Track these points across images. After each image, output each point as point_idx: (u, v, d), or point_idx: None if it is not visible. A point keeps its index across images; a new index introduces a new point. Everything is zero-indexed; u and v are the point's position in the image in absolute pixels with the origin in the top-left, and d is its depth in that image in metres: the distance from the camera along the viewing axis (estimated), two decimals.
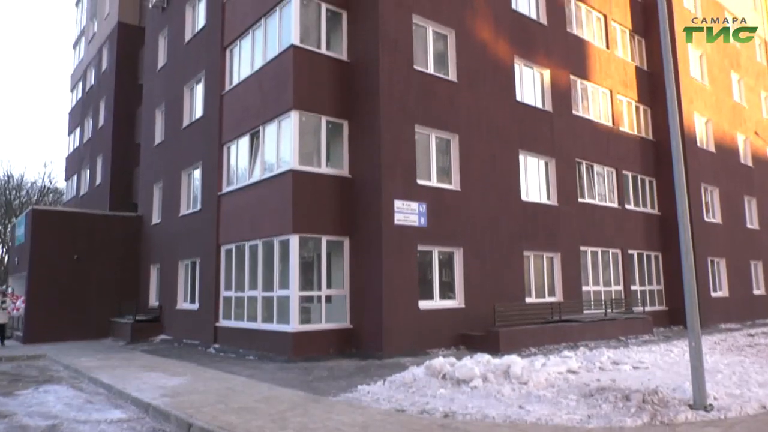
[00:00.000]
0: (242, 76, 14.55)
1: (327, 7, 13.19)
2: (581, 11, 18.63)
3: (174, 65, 18.89)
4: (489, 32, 14.96)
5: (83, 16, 31.90)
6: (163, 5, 19.85)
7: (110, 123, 24.56)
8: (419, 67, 13.21)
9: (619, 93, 19.39)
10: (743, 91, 24.80)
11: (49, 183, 47.61)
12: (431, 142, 13.27)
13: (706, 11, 23.05)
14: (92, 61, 28.56)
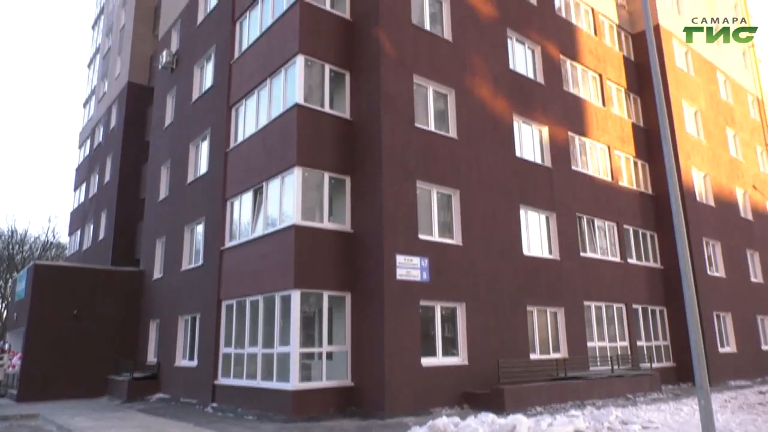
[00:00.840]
0: (247, 134, 14.88)
1: (330, 67, 13.64)
2: (577, 71, 19.21)
3: (180, 123, 19.36)
4: (488, 91, 15.39)
5: (95, 77, 32.95)
6: (172, 66, 20.54)
7: (116, 179, 24.93)
8: (420, 124, 13.52)
9: (617, 149, 19.73)
10: (739, 146, 25.21)
11: (53, 238, 47.84)
12: (432, 198, 13.42)
13: (698, 70, 23.76)
14: (101, 119, 29.28)
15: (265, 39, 14.76)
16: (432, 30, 14.60)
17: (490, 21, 16.12)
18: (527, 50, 17.41)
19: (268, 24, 14.76)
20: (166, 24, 22.31)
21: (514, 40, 16.97)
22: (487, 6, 16.11)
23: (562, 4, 19.50)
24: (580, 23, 20.01)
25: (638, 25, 22.46)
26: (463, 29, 15.20)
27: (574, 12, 19.91)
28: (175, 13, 21.45)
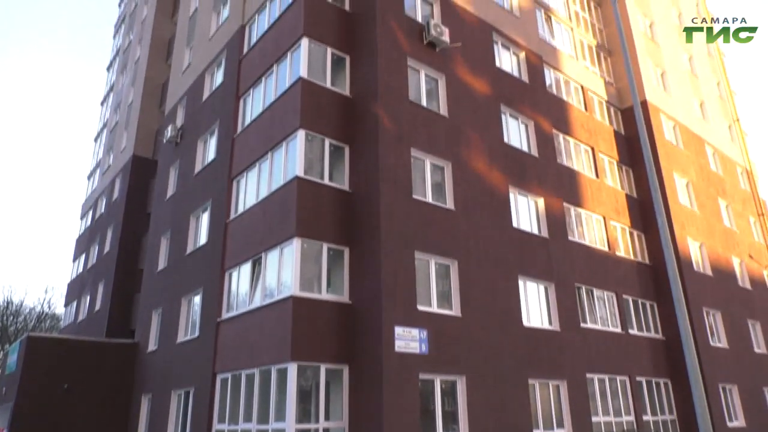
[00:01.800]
0: (247, 205, 15.13)
1: (330, 141, 14.09)
2: (570, 144, 19.80)
3: (182, 195, 19.69)
4: (483, 163, 15.80)
5: (101, 150, 33.77)
6: (176, 140, 21.14)
7: (115, 249, 25.02)
8: (418, 196, 13.80)
9: (612, 219, 20.00)
10: (732, 216, 25.56)
11: (48, 309, 47.30)
12: (431, 268, 13.47)
13: (687, 143, 24.49)
14: (104, 191, 29.74)
15: (267, 114, 15.32)
16: (428, 106, 15.19)
17: (484, 97, 16.79)
18: (521, 125, 18.03)
19: (270, 100, 15.36)
20: (172, 100, 23.15)
21: (508, 115, 17.61)
22: (480, 83, 16.84)
23: (553, 82, 20.38)
24: (570, 99, 20.82)
25: (626, 100, 23.37)
26: (458, 105, 15.82)
27: (564, 89, 20.77)
28: (181, 90, 22.31)
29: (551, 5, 21.98)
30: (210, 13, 21.09)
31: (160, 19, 29.35)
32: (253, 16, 17.72)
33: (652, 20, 26.12)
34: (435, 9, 16.64)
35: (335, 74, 15.00)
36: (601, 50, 24.14)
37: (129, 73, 31.44)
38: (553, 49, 20.90)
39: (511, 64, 18.71)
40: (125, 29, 35.63)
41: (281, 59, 15.36)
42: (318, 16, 14.99)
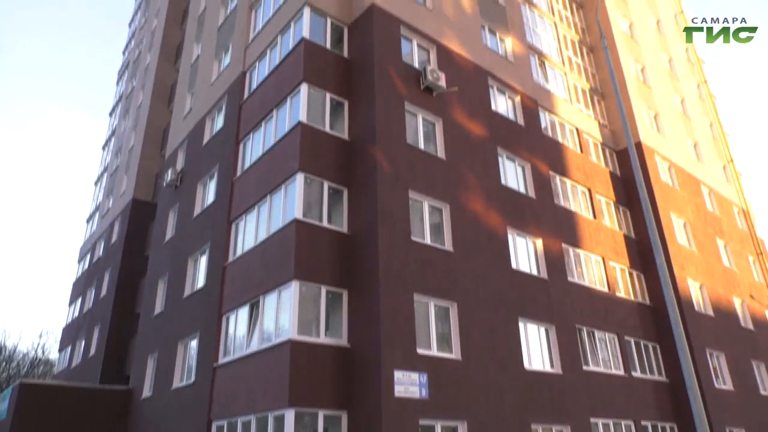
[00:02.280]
0: (246, 248, 15.12)
1: (329, 184, 14.19)
2: (566, 185, 19.96)
3: (181, 238, 19.68)
4: (481, 205, 15.89)
5: (100, 194, 33.95)
6: (176, 184, 21.29)
7: (112, 293, 24.82)
8: (416, 238, 13.81)
9: (611, 260, 19.97)
10: (731, 256, 25.55)
11: (42, 354, 46.53)
12: (430, 311, 13.36)
13: (683, 184, 24.71)
14: (103, 234, 29.74)
15: (266, 158, 15.48)
16: (426, 148, 15.38)
17: (481, 140, 17.03)
18: (518, 167, 18.22)
19: (270, 144, 15.56)
20: (173, 144, 23.43)
21: (505, 157, 17.82)
22: (477, 126, 17.11)
23: (548, 125, 20.71)
24: (566, 141, 21.12)
25: (621, 142, 23.70)
26: (455, 147, 16.03)
27: (560, 131, 21.09)
28: (182, 134, 22.62)
29: (544, 51, 22.56)
30: (212, 60, 21.59)
31: (163, 66, 30.01)
32: (253, 62, 18.14)
33: (644, 64, 26.76)
34: (431, 55, 17.06)
35: (334, 118, 15.26)
36: (595, 94, 24.63)
37: (131, 118, 31.93)
38: (548, 93, 21.33)
39: (507, 107, 19.06)
40: (128, 76, 36.37)
41: (281, 104, 15.64)
42: (317, 62, 15.36)
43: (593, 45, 26.11)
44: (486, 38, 19.70)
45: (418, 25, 16.95)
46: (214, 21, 22.59)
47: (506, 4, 21.34)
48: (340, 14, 16.65)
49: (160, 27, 31.53)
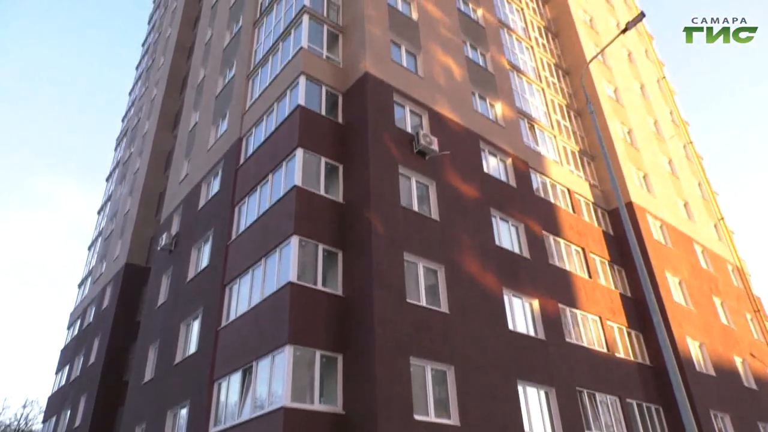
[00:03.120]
0: (239, 312, 14.93)
1: (324, 247, 14.22)
2: (560, 245, 20.07)
3: (173, 302, 19.45)
4: (476, 266, 15.90)
5: (93, 258, 33.76)
6: (170, 248, 21.25)
7: (101, 360, 24.22)
8: (412, 300, 13.72)
9: (608, 319, 19.80)
10: (729, 314, 25.39)
11: (25, 425, 44.67)
12: (427, 375, 13.09)
13: (676, 242, 24.88)
14: (94, 300, 29.35)
15: (261, 221, 15.57)
16: (420, 210, 15.55)
17: (474, 201, 17.25)
18: (511, 227, 18.37)
19: (265, 208, 15.69)
20: (168, 209, 23.58)
21: (498, 218, 18.00)
22: (470, 188, 17.37)
23: (540, 186, 21.05)
24: (558, 202, 21.40)
25: (613, 202, 24.03)
26: (449, 209, 16.20)
27: (551, 192, 21.41)
28: (178, 198, 22.81)
29: (533, 115, 23.25)
30: (209, 127, 22.09)
31: (161, 133, 30.62)
32: (250, 129, 18.57)
33: (630, 127, 27.55)
34: (424, 120, 17.55)
35: (329, 182, 15.48)
36: (585, 155, 25.20)
37: (127, 183, 32.24)
38: (538, 155, 21.81)
39: (499, 169, 19.43)
40: (127, 142, 37.02)
41: (276, 168, 15.90)
42: (312, 128, 15.75)
43: (580, 109, 26.95)
44: (476, 104, 20.35)
45: (411, 92, 17.53)
46: (212, 89, 23.28)
47: (495, 72, 22.17)
48: (335, 82, 17.23)
49: (159, 96, 32.41)
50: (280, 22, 19.43)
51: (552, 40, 29.30)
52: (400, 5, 19.90)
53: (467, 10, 23.34)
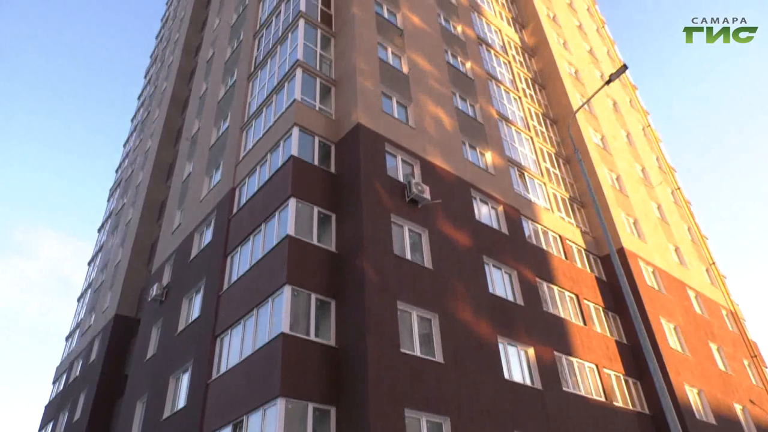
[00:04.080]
0: (230, 365, 14.65)
1: (316, 296, 14.12)
2: (554, 292, 20.02)
3: (163, 355, 19.07)
4: (470, 314, 15.79)
5: (83, 311, 33.23)
6: (161, 299, 21.01)
7: (87, 416, 23.48)
8: (406, 350, 13.54)
9: (605, 367, 19.56)
10: (726, 360, 25.16)
11: None
12: (422, 427, 12.77)
13: (669, 288, 24.89)
14: (82, 353, 28.71)
15: (254, 271, 15.50)
16: (413, 259, 15.55)
17: (467, 249, 17.30)
18: (504, 275, 18.36)
19: (258, 257, 15.64)
20: (160, 259, 23.43)
21: (491, 265, 18.02)
22: (462, 236, 17.45)
23: (532, 233, 21.19)
24: (550, 249, 21.49)
25: (604, 248, 24.16)
26: (442, 257, 16.22)
27: (543, 239, 21.54)
28: (170, 249, 22.71)
29: (523, 163, 23.64)
30: (203, 177, 22.26)
31: (154, 184, 30.76)
32: (243, 179, 18.73)
33: (618, 174, 28.02)
34: (415, 169, 17.80)
35: (321, 231, 15.52)
36: (575, 202, 25.49)
37: (119, 233, 32.13)
38: (529, 202, 22.05)
39: (491, 217, 19.59)
40: (120, 193, 37.12)
41: (269, 218, 15.95)
42: (305, 177, 15.92)
43: (569, 157, 27.45)
44: (467, 153, 20.71)
45: (402, 142, 17.85)
46: (206, 141, 23.59)
47: (484, 122, 22.68)
48: (328, 133, 17.54)
49: (154, 147, 32.75)
50: (274, 76, 19.92)
51: (539, 90, 30.13)
52: (391, 59, 20.51)
53: (456, 63, 24.07)
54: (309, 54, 19.26)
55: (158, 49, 46.67)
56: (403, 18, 22.57)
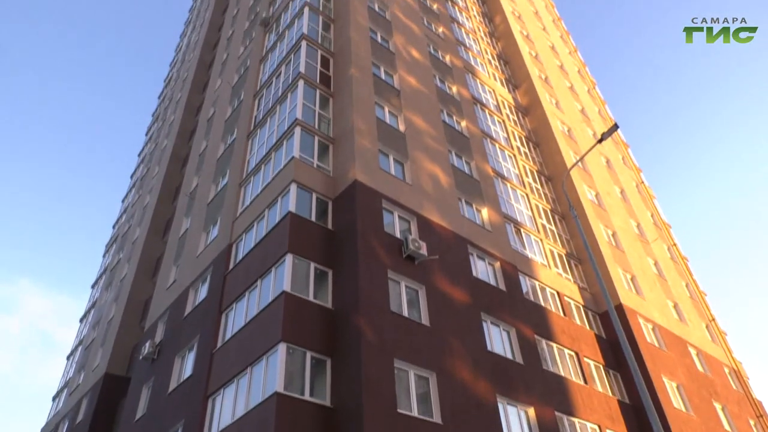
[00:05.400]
0: (222, 425, 14.19)
1: (312, 354, 13.86)
2: (553, 349, 19.71)
3: (153, 415, 18.49)
4: (469, 373, 15.48)
5: (71, 369, 32.44)
6: (153, 357, 20.57)
7: None
8: (403, 410, 13.19)
9: (608, 427, 19.01)
10: (731, 419, 24.51)
11: None
12: None
13: (670, 345, 24.54)
14: (69, 413, 27.81)
15: (249, 328, 15.27)
16: (410, 316, 15.39)
17: (465, 306, 17.15)
18: (503, 332, 18.13)
19: (253, 314, 15.45)
20: (153, 316, 23.11)
21: (489, 322, 17.81)
22: (460, 292, 17.34)
23: (530, 289, 21.07)
24: (548, 305, 21.32)
25: (603, 305, 23.95)
26: (439, 314, 16.06)
27: (541, 295, 21.39)
28: (164, 305, 22.44)
29: (519, 219, 23.80)
30: (200, 233, 22.29)
31: (151, 239, 30.72)
32: (240, 235, 18.76)
33: (614, 230, 28.17)
34: (412, 225, 17.89)
35: (318, 287, 15.42)
36: (572, 258, 25.49)
37: (113, 289, 31.81)
38: (526, 259, 22.05)
39: (488, 273, 19.54)
40: (116, 248, 37.00)
41: (266, 274, 15.87)
42: (302, 233, 15.96)
43: (564, 213, 27.67)
44: (463, 209, 20.88)
45: (399, 198, 18.03)
46: (204, 197, 23.77)
47: (480, 179, 22.99)
48: (325, 189, 17.73)
49: (152, 203, 32.93)
50: (273, 134, 20.32)
51: (533, 148, 30.72)
52: (388, 118, 21.01)
53: (451, 121, 24.65)
54: (308, 113, 19.73)
55: (160, 108, 47.78)
56: (400, 79, 23.28)
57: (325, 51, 22.89)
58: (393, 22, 26.47)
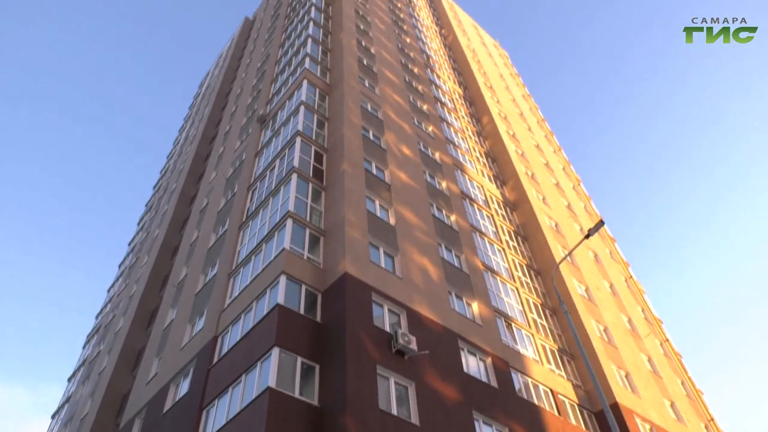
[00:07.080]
0: None
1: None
2: None
3: None
4: None
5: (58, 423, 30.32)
6: None
7: None
8: None
9: None
10: None
11: None
12: None
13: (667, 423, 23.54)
14: None
15: (230, 427, 14.55)
16: (399, 414, 14.81)
17: (456, 403, 16.57)
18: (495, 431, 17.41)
19: (235, 411, 14.80)
20: (131, 412, 22.05)
21: (482, 421, 17.14)
22: (450, 389, 16.82)
23: (522, 386, 20.49)
24: (542, 404, 20.64)
25: (598, 403, 23.21)
26: (429, 412, 15.47)
27: (534, 393, 20.77)
28: (143, 401, 21.48)
29: (510, 314, 23.59)
30: (185, 325, 21.81)
31: (134, 330, 29.91)
32: (227, 327, 18.38)
33: (605, 325, 27.90)
34: (402, 319, 17.67)
35: (304, 383, 14.93)
36: (564, 354, 25.02)
37: (90, 383, 30.50)
38: (518, 354, 21.62)
39: (479, 369, 19.07)
40: (97, 339, 35.92)
41: (251, 369, 15.40)
42: (290, 326, 15.68)
43: (555, 307, 27.50)
44: (454, 303, 20.74)
45: (389, 291, 17.94)
46: (192, 287, 23.51)
47: (470, 273, 23.04)
48: (315, 281, 17.64)
49: (138, 292, 32.40)
50: (265, 225, 20.52)
51: (522, 242, 31.09)
52: (379, 211, 21.39)
53: (441, 216, 25.09)
54: (300, 206, 20.06)
55: (154, 198, 48.36)
56: (391, 174, 23.95)
57: (319, 147, 23.70)
58: (385, 121, 27.66)
